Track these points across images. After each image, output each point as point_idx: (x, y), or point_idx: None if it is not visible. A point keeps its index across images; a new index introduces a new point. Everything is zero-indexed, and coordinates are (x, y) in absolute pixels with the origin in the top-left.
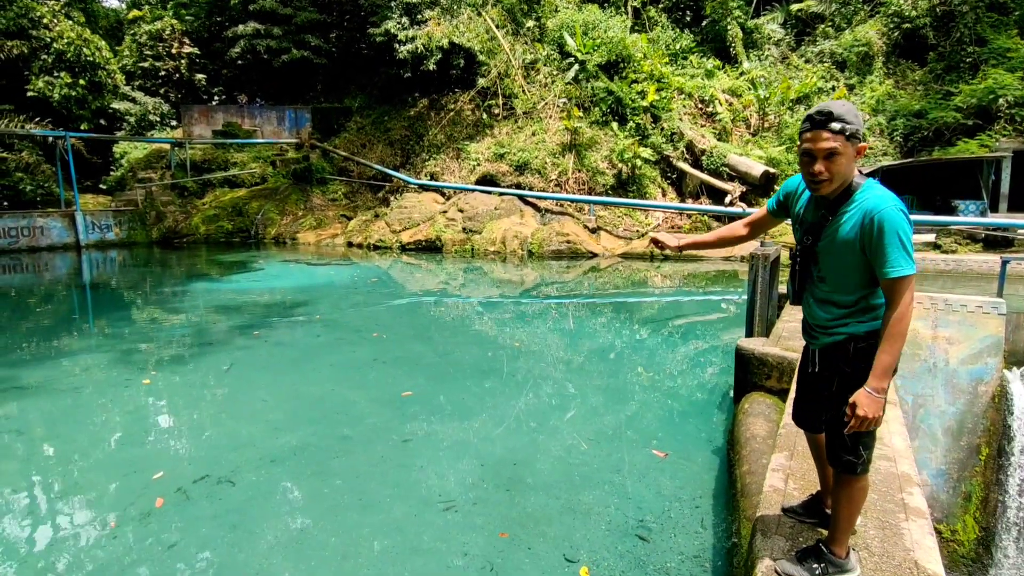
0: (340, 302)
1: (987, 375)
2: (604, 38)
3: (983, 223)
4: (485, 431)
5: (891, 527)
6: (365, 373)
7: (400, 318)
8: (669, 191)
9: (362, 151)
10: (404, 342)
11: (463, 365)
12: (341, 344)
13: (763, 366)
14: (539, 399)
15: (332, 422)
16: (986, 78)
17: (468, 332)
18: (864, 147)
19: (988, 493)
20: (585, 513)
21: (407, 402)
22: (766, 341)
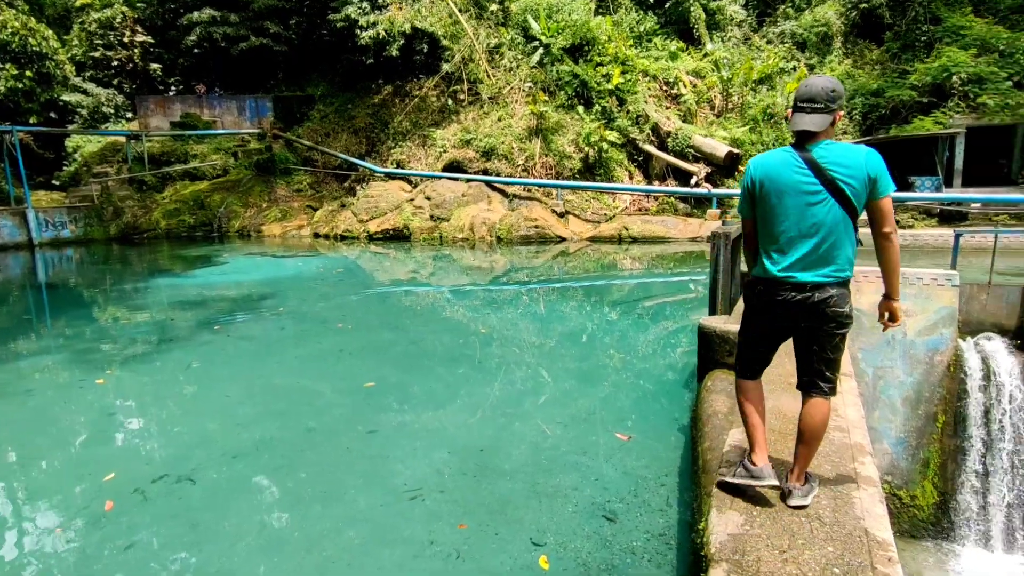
0: (306, 294)
1: (942, 345)
2: (568, 21)
3: (938, 198)
4: (452, 418)
5: (843, 497)
6: (331, 365)
7: (368, 308)
8: (636, 174)
9: (326, 140)
10: (372, 332)
11: (432, 353)
12: (307, 336)
13: (725, 343)
14: (508, 385)
15: (297, 415)
16: (940, 56)
17: (437, 320)
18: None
19: (945, 459)
20: (552, 496)
21: (373, 392)
22: (728, 319)
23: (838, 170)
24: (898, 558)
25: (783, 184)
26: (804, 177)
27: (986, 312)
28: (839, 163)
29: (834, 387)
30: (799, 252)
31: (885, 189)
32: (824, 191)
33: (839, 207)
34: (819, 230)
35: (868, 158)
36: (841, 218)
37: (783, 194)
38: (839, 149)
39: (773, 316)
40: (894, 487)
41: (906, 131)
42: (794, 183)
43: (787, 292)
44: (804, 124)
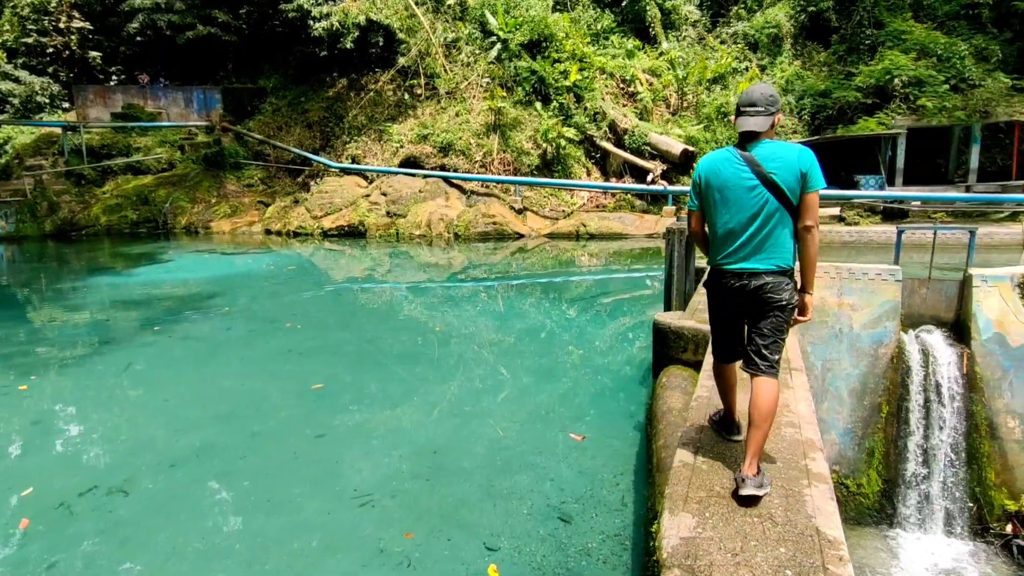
0: (255, 292)
1: (886, 338)
2: (526, 17)
3: (882, 196)
4: (406, 419)
5: (795, 495)
6: (279, 366)
7: (320, 307)
8: (593, 171)
9: (279, 134)
10: (324, 331)
11: (386, 352)
12: (254, 336)
13: (679, 339)
14: (465, 384)
15: (240, 419)
16: (883, 59)
17: (393, 318)
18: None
19: (889, 448)
20: (506, 498)
21: (323, 394)
22: (682, 315)
23: (773, 166)
24: (848, 556)
25: (724, 180)
26: (743, 173)
27: (926, 305)
28: (774, 160)
29: (774, 367)
30: (738, 242)
31: (815, 184)
32: (760, 186)
33: (775, 200)
34: (756, 222)
35: (800, 155)
36: (777, 210)
37: (725, 189)
38: (775, 147)
39: (723, 302)
40: (842, 476)
41: (852, 131)
42: (734, 179)
43: (729, 279)
44: (749, 125)
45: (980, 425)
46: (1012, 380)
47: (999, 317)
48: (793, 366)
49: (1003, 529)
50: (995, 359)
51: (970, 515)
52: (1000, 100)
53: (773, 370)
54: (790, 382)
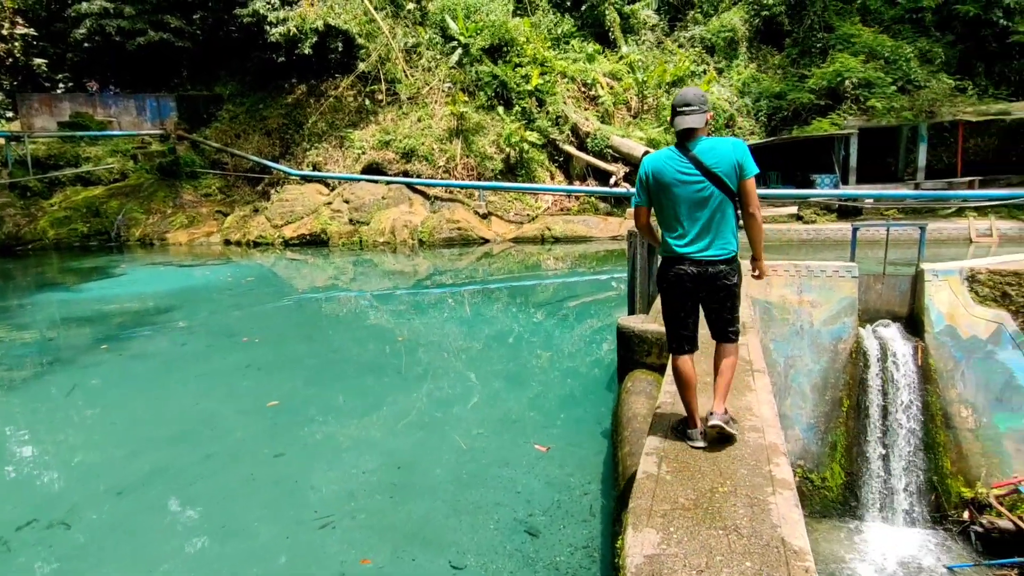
0: (213, 305)
1: (845, 333)
2: (487, 22)
3: (837, 195)
4: (369, 434)
5: (759, 504)
6: (236, 382)
7: (281, 318)
8: (557, 174)
9: (237, 142)
10: (284, 344)
11: (348, 364)
12: (211, 352)
13: (643, 343)
14: (429, 394)
15: (194, 440)
16: (834, 62)
17: (356, 328)
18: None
19: (851, 441)
20: (472, 513)
21: (281, 411)
22: (645, 318)
23: (713, 160)
24: (814, 567)
25: (671, 177)
26: (687, 170)
27: (882, 300)
28: (713, 154)
29: (737, 333)
30: (691, 232)
31: (750, 171)
32: (704, 179)
33: (718, 191)
34: (705, 213)
35: (734, 146)
36: (721, 200)
37: (672, 185)
38: (712, 143)
39: (680, 289)
40: (806, 470)
41: (806, 132)
42: (681, 176)
43: (685, 266)
44: (688, 123)
45: (935, 415)
46: (964, 371)
47: (950, 310)
48: (755, 367)
49: (960, 516)
50: (947, 351)
51: (929, 504)
52: (944, 100)
53: (736, 336)
54: (753, 384)
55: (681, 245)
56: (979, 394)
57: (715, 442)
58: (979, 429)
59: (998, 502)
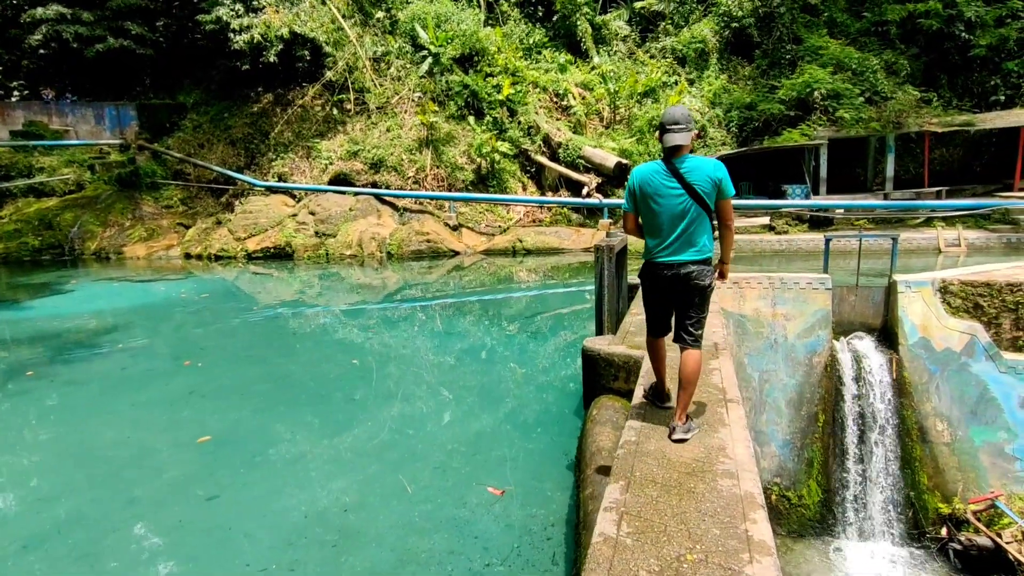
0: (162, 324)
1: (819, 346)
2: (457, 31)
3: (809, 205)
4: (314, 471)
5: None
6: (175, 412)
7: (233, 338)
8: (529, 185)
9: (200, 152)
10: (233, 367)
11: (299, 390)
12: (151, 377)
13: (610, 367)
14: (382, 425)
15: (119, 482)
16: (803, 73)
17: (311, 349)
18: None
19: (827, 457)
20: (424, 564)
21: (219, 445)
22: (612, 339)
23: (694, 177)
24: None
25: (656, 189)
26: (671, 183)
27: (855, 312)
28: (695, 172)
29: (699, 341)
30: (670, 238)
31: (727, 192)
32: (685, 193)
33: (697, 206)
34: (683, 222)
35: (714, 168)
36: (699, 213)
37: (657, 196)
38: (695, 161)
39: (658, 288)
40: (783, 489)
41: (777, 142)
42: (664, 188)
43: (663, 269)
44: (676, 140)
45: (911, 429)
46: (938, 383)
47: (923, 322)
48: (729, 396)
49: (938, 533)
50: (921, 363)
51: (906, 520)
52: (911, 112)
53: (698, 343)
54: (726, 417)
55: (660, 251)
56: (954, 407)
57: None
58: (955, 443)
59: (975, 518)
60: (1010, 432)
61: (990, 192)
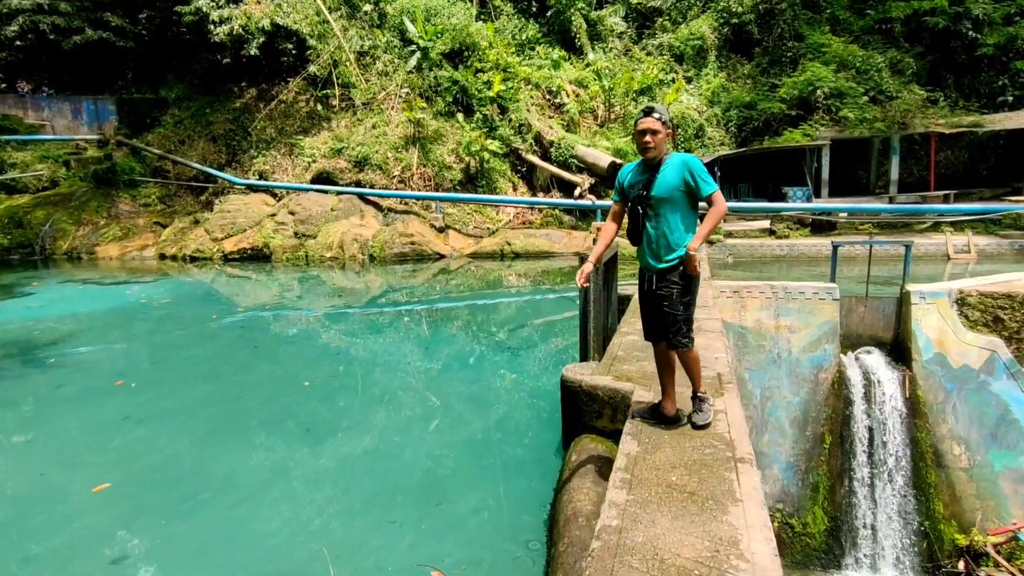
0: (115, 334)
1: (826, 361)
2: (448, 25)
3: (812, 208)
4: (246, 526)
5: None
6: (105, 441)
7: (188, 350)
8: (520, 185)
9: (181, 148)
10: (178, 386)
11: (250, 416)
12: (88, 397)
13: (593, 402)
14: (330, 465)
15: (18, 533)
16: (805, 71)
17: (273, 364)
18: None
19: (834, 482)
20: None
21: (140, 488)
22: (597, 367)
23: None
24: None
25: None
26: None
27: (864, 325)
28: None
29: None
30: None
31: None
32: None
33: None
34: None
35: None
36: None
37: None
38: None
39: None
40: (786, 515)
41: (778, 143)
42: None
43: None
44: None
45: (925, 453)
46: (955, 403)
47: (939, 336)
48: (739, 454)
49: (955, 566)
50: (937, 381)
51: (920, 552)
52: (916, 112)
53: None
54: (737, 490)
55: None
56: (972, 429)
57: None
58: (973, 468)
59: (995, 551)
60: None
61: (998, 196)
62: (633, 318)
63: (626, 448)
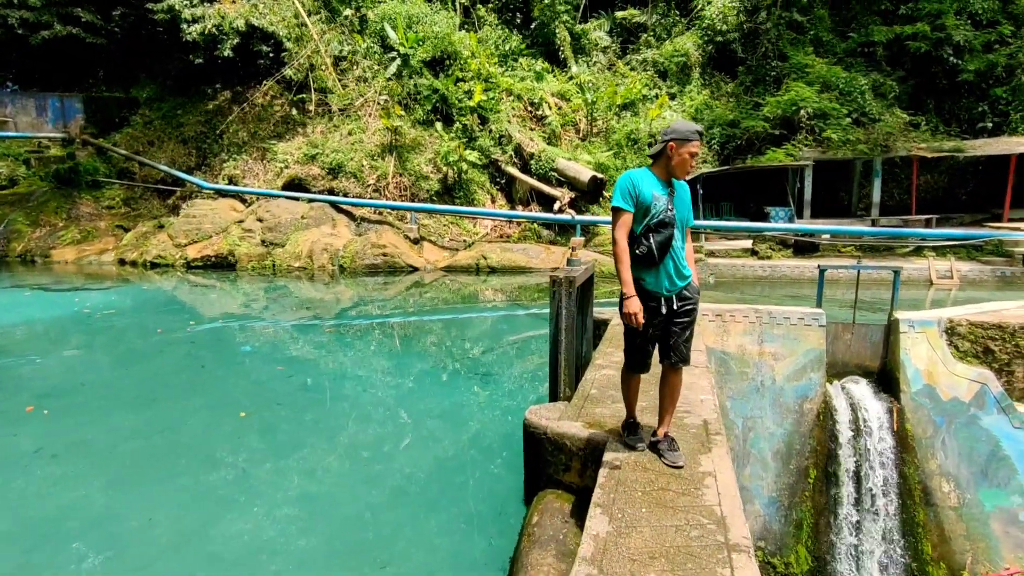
0: (45, 347)
1: (811, 391)
2: (430, 33)
3: (797, 229)
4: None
5: None
6: (8, 479)
7: (123, 369)
8: (499, 197)
9: (150, 149)
10: (104, 413)
11: (179, 451)
12: None
13: (559, 452)
14: (268, 516)
15: None
16: (789, 90)
17: (214, 388)
18: None
19: (818, 519)
20: None
21: (24, 544)
22: (566, 409)
23: None
24: None
25: None
26: None
27: (851, 353)
28: None
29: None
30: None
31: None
32: None
33: None
34: None
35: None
36: None
37: None
38: None
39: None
40: (767, 554)
41: (761, 162)
42: None
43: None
44: None
45: (914, 490)
46: (945, 438)
47: (928, 367)
48: (732, 539)
49: None
50: (926, 414)
51: None
52: (899, 135)
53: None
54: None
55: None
56: (962, 466)
57: None
58: (963, 507)
59: None
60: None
61: (978, 222)
62: (610, 348)
63: (594, 528)
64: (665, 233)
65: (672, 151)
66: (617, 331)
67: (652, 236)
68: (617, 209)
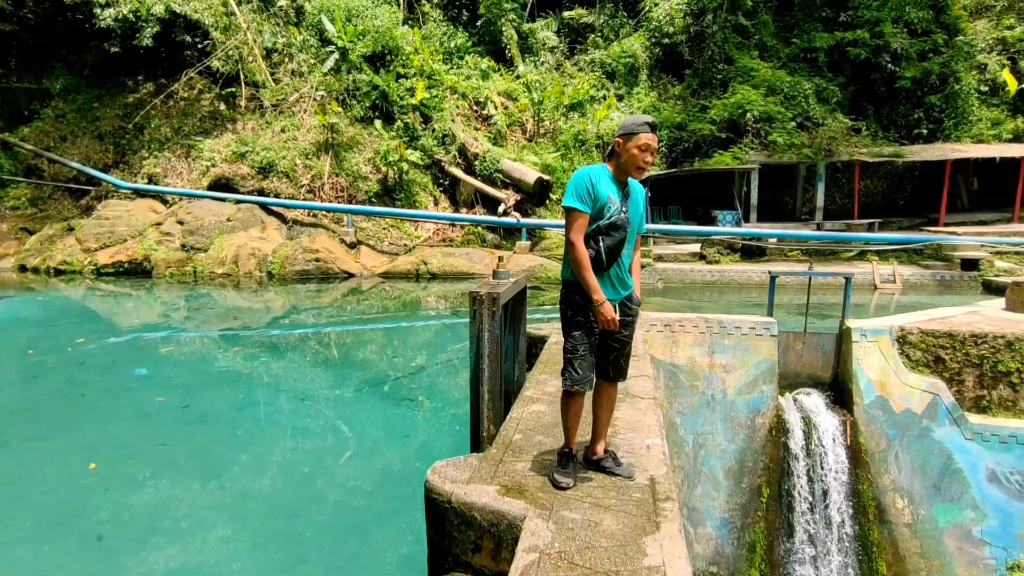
0: None
1: (763, 405)
2: (370, 27)
3: (744, 233)
4: None
5: None
6: None
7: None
8: (442, 199)
9: (62, 145)
10: None
11: (24, 514)
12: None
13: (467, 528)
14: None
15: None
16: (735, 93)
17: (84, 426)
18: None
19: (772, 540)
20: None
21: None
22: (478, 466)
23: None
24: None
25: None
26: None
27: (803, 363)
28: None
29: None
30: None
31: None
32: None
33: None
34: None
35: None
36: None
37: None
38: None
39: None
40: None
41: (708, 164)
42: None
43: None
44: None
45: (867, 507)
46: (898, 451)
47: (880, 378)
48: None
49: None
50: (878, 427)
51: None
52: (841, 140)
53: (565, 384)
54: None
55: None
56: (915, 481)
57: None
58: (916, 524)
59: None
60: (978, 511)
61: (916, 226)
62: (544, 374)
63: None
64: (616, 236)
65: (620, 147)
66: (555, 351)
67: (602, 239)
68: (571, 210)
